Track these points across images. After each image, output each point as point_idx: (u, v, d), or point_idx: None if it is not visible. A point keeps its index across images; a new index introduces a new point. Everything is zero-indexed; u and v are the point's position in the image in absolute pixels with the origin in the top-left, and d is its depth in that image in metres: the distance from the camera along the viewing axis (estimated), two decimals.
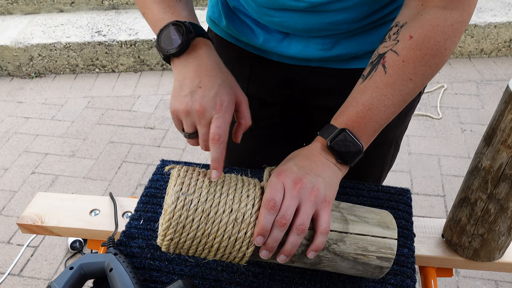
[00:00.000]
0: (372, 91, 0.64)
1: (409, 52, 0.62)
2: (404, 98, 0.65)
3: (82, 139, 2.43)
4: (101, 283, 0.72)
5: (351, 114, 0.65)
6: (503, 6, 2.96)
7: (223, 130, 0.63)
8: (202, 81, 0.64)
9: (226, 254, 0.62)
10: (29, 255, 1.85)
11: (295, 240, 0.59)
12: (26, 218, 0.85)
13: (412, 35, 0.62)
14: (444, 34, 0.62)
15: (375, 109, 0.64)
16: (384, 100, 0.64)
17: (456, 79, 2.77)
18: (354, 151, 0.64)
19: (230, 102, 0.65)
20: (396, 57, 0.63)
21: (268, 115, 0.95)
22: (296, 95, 0.90)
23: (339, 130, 0.64)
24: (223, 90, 0.64)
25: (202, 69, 0.65)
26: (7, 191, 2.14)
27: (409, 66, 0.62)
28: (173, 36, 0.65)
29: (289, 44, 0.80)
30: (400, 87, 0.64)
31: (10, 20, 3.11)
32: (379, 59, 0.65)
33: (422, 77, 0.64)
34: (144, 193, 0.87)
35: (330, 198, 0.62)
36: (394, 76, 0.63)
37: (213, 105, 0.63)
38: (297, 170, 0.62)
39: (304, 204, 0.60)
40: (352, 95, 0.67)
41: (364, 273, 0.67)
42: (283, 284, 0.71)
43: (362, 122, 0.65)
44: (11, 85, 2.89)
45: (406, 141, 2.34)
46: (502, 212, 0.71)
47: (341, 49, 0.79)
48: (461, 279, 1.71)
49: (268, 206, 0.59)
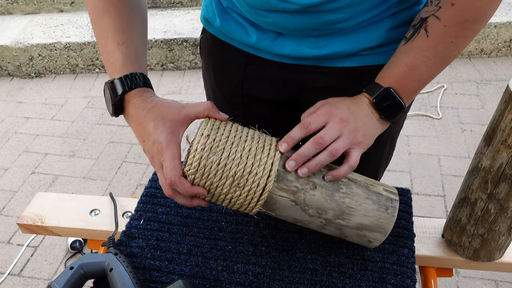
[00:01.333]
0: (415, 53, 0.69)
1: (450, 18, 0.66)
2: (445, 60, 0.69)
3: (82, 139, 2.43)
4: (101, 283, 0.72)
5: (395, 73, 0.70)
6: (503, 6, 2.96)
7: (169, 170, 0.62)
8: (142, 136, 0.67)
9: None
10: (29, 255, 1.85)
11: (323, 158, 0.65)
12: (26, 218, 0.85)
13: (454, 3, 0.65)
14: (484, 1, 0.64)
15: (418, 69, 0.69)
16: (427, 61, 0.69)
17: (456, 79, 2.77)
18: (397, 108, 0.71)
19: (168, 137, 0.64)
20: (438, 22, 0.67)
21: (263, 113, 0.95)
22: (290, 94, 0.91)
23: (384, 89, 0.70)
24: (156, 132, 0.65)
25: (137, 126, 0.68)
26: (7, 191, 2.14)
27: (451, 30, 0.66)
28: (106, 101, 0.72)
29: (283, 43, 0.81)
30: (442, 50, 0.68)
31: (10, 20, 3.11)
32: (421, 23, 0.69)
33: (463, 40, 0.68)
34: (144, 193, 0.87)
35: (366, 144, 0.69)
36: (436, 39, 0.67)
37: (155, 151, 0.64)
38: (347, 111, 0.69)
39: (343, 136, 0.66)
40: (395, 56, 0.72)
41: (378, 209, 0.69)
42: (283, 284, 0.71)
43: (406, 82, 0.70)
44: (11, 85, 2.89)
45: (406, 141, 2.35)
46: (502, 212, 0.71)
47: (334, 48, 0.79)
48: (461, 279, 1.71)
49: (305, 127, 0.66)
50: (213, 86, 0.97)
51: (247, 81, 0.90)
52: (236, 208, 0.67)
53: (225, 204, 0.66)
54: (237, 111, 0.95)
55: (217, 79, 0.95)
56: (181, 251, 0.76)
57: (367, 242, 0.72)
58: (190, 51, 2.90)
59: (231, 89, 0.92)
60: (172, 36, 2.86)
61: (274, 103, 0.94)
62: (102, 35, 0.73)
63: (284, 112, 0.96)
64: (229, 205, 0.66)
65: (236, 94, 0.92)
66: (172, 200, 0.84)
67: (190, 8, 3.19)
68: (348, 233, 0.71)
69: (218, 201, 0.66)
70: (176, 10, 3.17)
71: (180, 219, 0.81)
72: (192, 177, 0.63)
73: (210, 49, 0.92)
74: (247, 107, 0.94)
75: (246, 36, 0.84)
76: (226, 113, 0.95)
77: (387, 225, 0.70)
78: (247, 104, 0.94)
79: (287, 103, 0.94)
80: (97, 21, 0.73)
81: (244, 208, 0.66)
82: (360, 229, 0.70)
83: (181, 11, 3.15)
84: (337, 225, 0.69)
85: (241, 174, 0.63)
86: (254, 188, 0.63)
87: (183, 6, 3.20)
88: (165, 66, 2.94)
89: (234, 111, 0.95)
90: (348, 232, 0.70)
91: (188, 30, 2.91)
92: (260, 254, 0.76)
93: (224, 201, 0.66)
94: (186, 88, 2.81)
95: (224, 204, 0.66)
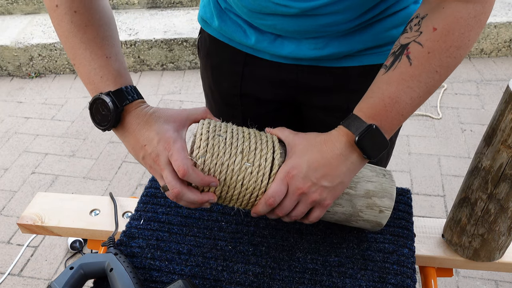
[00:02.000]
0: (398, 83, 0.63)
1: (434, 44, 0.61)
2: (429, 90, 0.64)
3: (82, 139, 2.43)
4: (101, 283, 0.72)
5: (378, 107, 0.63)
6: (503, 6, 2.96)
7: (181, 161, 0.62)
8: (143, 141, 0.65)
9: (238, 203, 0.67)
10: (29, 255, 1.85)
11: (287, 220, 0.69)
12: (26, 218, 0.85)
13: (436, 27, 0.61)
14: (468, 26, 0.61)
15: (402, 102, 0.63)
16: (411, 93, 0.63)
17: (456, 79, 2.77)
18: (381, 147, 0.64)
19: (174, 133, 0.65)
20: (420, 49, 0.62)
21: (262, 113, 0.95)
22: (289, 94, 0.91)
23: (367, 126, 0.63)
24: (161, 130, 0.65)
25: (137, 133, 0.66)
26: (7, 191, 2.14)
27: (435, 58, 0.61)
28: (102, 112, 0.67)
29: (282, 44, 0.81)
30: (426, 79, 0.62)
31: (10, 20, 3.11)
32: (402, 49, 0.63)
33: (447, 69, 0.63)
34: (145, 193, 0.87)
35: (329, 202, 0.67)
36: (420, 67, 0.62)
37: (161, 148, 0.63)
38: (306, 173, 0.63)
39: (301, 205, 0.66)
40: (376, 85, 0.65)
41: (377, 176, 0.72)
42: (283, 284, 0.71)
43: (389, 116, 0.64)
44: (11, 85, 2.89)
45: (406, 141, 2.35)
46: (502, 212, 0.71)
47: (333, 48, 0.79)
48: (461, 279, 1.71)
49: (268, 202, 0.65)
50: (212, 86, 0.96)
51: (246, 82, 0.90)
52: (249, 193, 0.66)
53: (236, 193, 0.66)
54: (235, 112, 0.95)
55: (216, 80, 0.95)
56: (181, 251, 0.76)
57: (378, 212, 0.72)
58: (190, 51, 2.90)
59: (230, 90, 0.92)
60: (172, 36, 2.86)
61: (273, 103, 0.94)
62: (85, 49, 0.68)
63: (282, 112, 0.96)
64: (241, 192, 0.66)
65: (234, 94, 0.92)
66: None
67: (190, 8, 3.19)
68: (359, 203, 0.71)
69: (230, 190, 0.66)
70: (176, 10, 3.17)
71: (180, 219, 0.81)
72: (202, 159, 0.64)
73: (208, 49, 0.92)
74: (246, 107, 0.94)
75: (244, 37, 0.83)
76: (224, 113, 0.95)
77: (391, 189, 0.72)
78: (246, 105, 0.94)
79: (286, 103, 0.94)
80: (79, 35, 0.68)
81: (257, 190, 0.65)
82: (369, 196, 0.71)
83: (181, 11, 3.15)
84: (347, 196, 0.71)
85: (249, 150, 0.66)
86: (263, 163, 0.65)
87: (183, 6, 3.20)
88: (165, 66, 2.94)
89: (232, 111, 0.95)
90: (359, 202, 0.71)
91: (188, 30, 2.91)
92: (260, 254, 0.76)
93: (236, 185, 0.65)
94: (186, 88, 2.81)
95: (236, 193, 0.66)
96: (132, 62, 2.91)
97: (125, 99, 0.67)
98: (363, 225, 0.74)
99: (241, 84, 0.90)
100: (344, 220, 0.74)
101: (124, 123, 0.68)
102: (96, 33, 0.68)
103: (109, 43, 0.70)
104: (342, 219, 0.74)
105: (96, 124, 0.69)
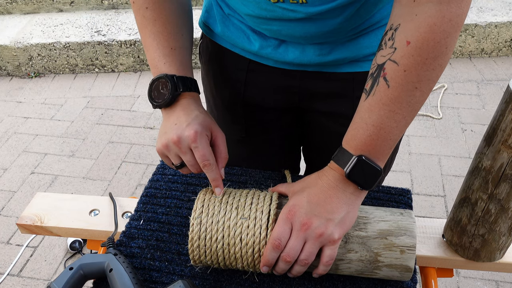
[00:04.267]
0: (380, 109, 0.61)
1: (409, 60, 0.58)
2: (413, 108, 0.61)
3: (81, 139, 2.43)
4: (101, 284, 0.72)
5: (363, 137, 0.62)
6: (504, 5, 2.96)
7: (208, 154, 0.69)
8: (178, 119, 0.71)
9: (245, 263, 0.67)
10: (28, 256, 1.84)
11: (299, 269, 0.66)
12: (26, 218, 0.85)
13: (409, 41, 0.58)
14: (444, 33, 0.57)
15: (386, 127, 0.61)
16: (394, 116, 0.61)
17: (456, 79, 2.77)
18: (374, 175, 0.63)
19: (203, 129, 0.70)
20: (396, 68, 0.59)
21: (266, 120, 0.95)
22: (293, 100, 0.90)
23: (355, 158, 0.62)
24: (195, 121, 0.70)
25: (181, 113, 0.72)
26: (6, 191, 2.13)
27: (412, 74, 0.59)
28: (161, 90, 0.73)
29: (286, 50, 0.80)
30: (407, 99, 0.60)
31: (9, 19, 3.10)
32: (379, 71, 0.61)
33: (428, 82, 0.60)
34: (144, 193, 0.86)
35: (339, 237, 0.63)
36: (398, 88, 0.59)
37: (187, 134, 0.68)
38: (308, 209, 0.63)
39: (309, 243, 0.63)
40: (359, 115, 0.64)
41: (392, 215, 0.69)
42: (283, 285, 0.71)
43: (377, 144, 0.62)
44: (11, 85, 2.89)
45: (406, 141, 2.34)
46: (502, 212, 0.71)
47: (338, 54, 0.79)
48: (462, 280, 1.71)
49: (274, 244, 0.63)
50: (213, 93, 0.95)
51: (249, 89, 0.89)
52: (250, 248, 0.65)
53: (238, 249, 0.65)
54: (237, 118, 0.94)
55: (218, 86, 0.93)
56: (181, 251, 0.76)
57: (400, 254, 0.66)
58: None
59: (232, 96, 0.91)
60: None
61: (276, 110, 0.93)
62: (153, 39, 0.75)
63: (286, 118, 0.95)
64: (242, 249, 0.65)
65: (237, 101, 0.91)
66: (172, 200, 0.84)
67: None
68: (374, 246, 0.66)
69: (231, 247, 0.66)
70: None
71: (180, 219, 0.81)
72: (198, 220, 0.67)
73: (210, 55, 0.91)
74: (248, 114, 0.93)
75: (248, 43, 0.82)
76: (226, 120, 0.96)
77: (409, 226, 0.67)
78: (248, 111, 0.92)
79: (289, 109, 0.93)
80: (149, 27, 0.75)
81: (258, 243, 0.65)
82: (383, 236, 0.66)
83: None
84: (358, 239, 0.66)
85: (244, 206, 0.67)
86: (260, 216, 0.66)
87: None
88: None
89: (234, 118, 0.94)
90: (374, 244, 0.66)
91: None
92: None
93: (235, 242, 0.65)
94: None
95: (237, 250, 0.65)
96: (132, 62, 2.91)
97: (185, 86, 0.73)
98: (390, 274, 0.68)
99: (244, 91, 0.89)
100: (366, 270, 0.68)
101: (174, 105, 0.73)
102: (164, 27, 0.75)
103: (176, 38, 0.76)
104: (363, 269, 0.68)
105: (150, 99, 0.74)
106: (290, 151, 1.06)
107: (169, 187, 0.87)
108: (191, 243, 0.66)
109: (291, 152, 1.07)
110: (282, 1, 0.69)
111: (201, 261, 0.68)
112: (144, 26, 0.76)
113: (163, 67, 0.74)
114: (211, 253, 0.66)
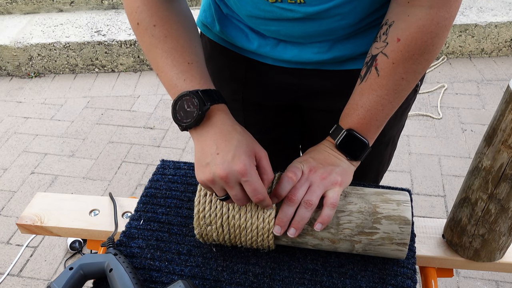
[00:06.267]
0: (369, 93, 0.71)
1: (397, 54, 0.67)
2: (399, 95, 0.71)
3: (81, 139, 2.43)
4: (101, 284, 0.72)
5: (353, 116, 0.72)
6: (504, 5, 2.96)
7: (260, 188, 0.64)
8: (218, 147, 0.64)
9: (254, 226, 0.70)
10: (28, 255, 1.84)
11: (302, 213, 0.67)
12: (26, 218, 0.85)
13: (399, 38, 0.66)
14: (431, 34, 0.65)
15: (373, 110, 0.71)
16: (381, 101, 0.70)
17: (456, 79, 2.77)
18: (361, 147, 0.73)
19: (251, 160, 0.65)
20: (386, 60, 0.68)
21: (265, 118, 0.95)
22: (292, 98, 0.90)
23: (345, 131, 0.72)
24: (240, 150, 0.64)
25: (218, 135, 0.66)
26: (6, 191, 2.13)
27: (399, 67, 0.68)
28: (187, 108, 0.66)
29: (284, 48, 0.80)
30: (394, 87, 0.69)
31: (9, 19, 3.10)
32: (372, 60, 0.70)
33: (414, 74, 0.69)
34: (144, 193, 0.86)
35: (341, 181, 0.69)
36: (386, 77, 0.69)
37: (236, 168, 0.63)
38: (313, 161, 0.72)
39: (314, 185, 0.68)
40: (352, 97, 0.74)
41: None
42: (283, 284, 0.71)
43: (365, 123, 0.72)
44: (10, 85, 2.89)
45: (406, 141, 2.34)
46: (502, 212, 0.71)
47: (337, 52, 0.79)
48: (462, 280, 1.71)
49: (288, 176, 0.68)
50: None
51: (248, 87, 0.89)
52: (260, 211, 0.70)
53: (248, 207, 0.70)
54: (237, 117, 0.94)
55: (217, 85, 0.93)
56: (181, 251, 0.76)
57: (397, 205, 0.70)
58: None
59: (232, 95, 0.91)
60: None
61: (275, 108, 0.93)
62: (167, 57, 0.70)
63: (285, 116, 0.95)
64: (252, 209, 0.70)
65: (236, 100, 0.92)
66: (172, 200, 0.84)
67: (190, 8, 3.19)
68: (372, 199, 0.71)
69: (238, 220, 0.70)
70: None
71: (180, 219, 0.81)
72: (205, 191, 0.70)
73: (209, 54, 0.91)
74: (247, 112, 0.93)
75: (247, 41, 0.83)
76: None
77: (401, 192, 0.73)
78: (248, 110, 0.93)
79: (288, 107, 0.93)
80: (160, 46, 0.70)
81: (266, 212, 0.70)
82: (379, 194, 0.72)
83: None
84: (357, 194, 0.72)
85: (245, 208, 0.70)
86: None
87: None
88: None
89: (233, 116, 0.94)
90: (372, 198, 0.71)
91: None
92: (260, 254, 0.76)
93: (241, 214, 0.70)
94: None
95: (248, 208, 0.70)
96: (132, 62, 2.91)
97: (212, 100, 0.67)
98: (390, 228, 0.69)
99: (243, 90, 0.90)
100: (366, 225, 0.69)
101: (206, 123, 0.67)
102: (177, 42, 0.71)
103: (190, 51, 0.72)
104: (364, 222, 0.69)
105: (177, 121, 0.67)
106: (290, 149, 1.07)
107: (169, 187, 0.87)
108: (197, 208, 0.69)
109: (290, 149, 1.07)
110: (280, 1, 0.70)
111: (207, 233, 0.71)
112: (154, 46, 0.71)
113: (183, 84, 0.69)
114: (216, 218, 0.69)
